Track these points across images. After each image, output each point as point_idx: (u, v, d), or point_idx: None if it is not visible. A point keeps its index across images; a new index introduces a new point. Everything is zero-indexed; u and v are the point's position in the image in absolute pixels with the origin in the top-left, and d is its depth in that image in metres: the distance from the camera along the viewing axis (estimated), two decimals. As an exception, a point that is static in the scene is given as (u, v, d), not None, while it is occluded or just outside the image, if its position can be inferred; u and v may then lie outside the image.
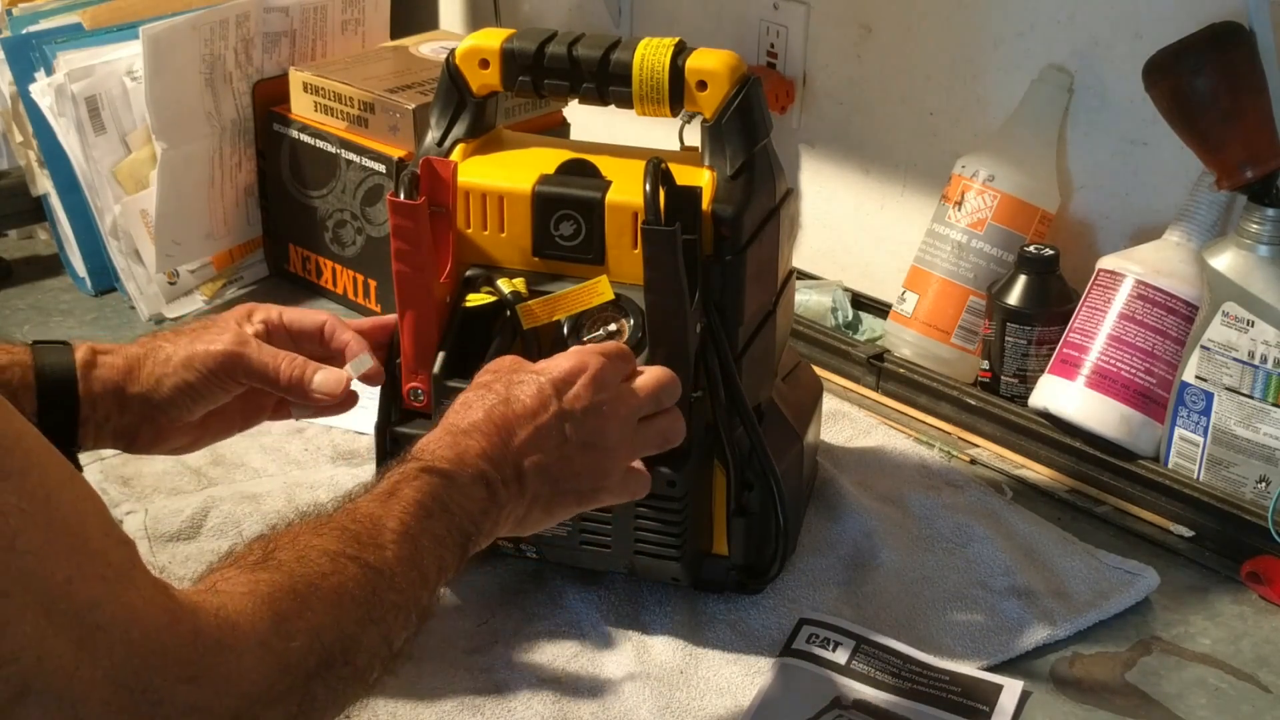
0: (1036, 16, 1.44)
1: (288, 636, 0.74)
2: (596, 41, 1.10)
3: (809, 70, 1.64)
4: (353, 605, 0.78)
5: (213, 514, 1.22)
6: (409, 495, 0.86)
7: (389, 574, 0.81)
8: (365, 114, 1.54)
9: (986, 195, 1.42)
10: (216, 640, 0.71)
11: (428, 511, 0.86)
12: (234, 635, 0.72)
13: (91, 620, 0.66)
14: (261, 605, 0.74)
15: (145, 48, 1.49)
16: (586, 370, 0.97)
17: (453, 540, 0.87)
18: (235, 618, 0.72)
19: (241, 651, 0.72)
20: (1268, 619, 1.17)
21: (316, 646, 0.75)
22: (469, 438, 0.92)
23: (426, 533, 0.85)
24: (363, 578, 0.80)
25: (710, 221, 1.06)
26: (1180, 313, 1.29)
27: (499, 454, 0.92)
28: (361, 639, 0.79)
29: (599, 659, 1.09)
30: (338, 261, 1.61)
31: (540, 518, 0.96)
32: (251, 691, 0.72)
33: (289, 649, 0.74)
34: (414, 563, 0.83)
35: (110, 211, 1.57)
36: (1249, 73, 1.24)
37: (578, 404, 0.96)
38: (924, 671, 1.08)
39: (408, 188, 1.04)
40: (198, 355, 1.05)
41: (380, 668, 0.81)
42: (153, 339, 1.08)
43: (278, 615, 0.74)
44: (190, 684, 0.69)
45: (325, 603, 0.77)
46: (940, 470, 1.34)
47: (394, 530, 0.83)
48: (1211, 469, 1.27)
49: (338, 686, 0.77)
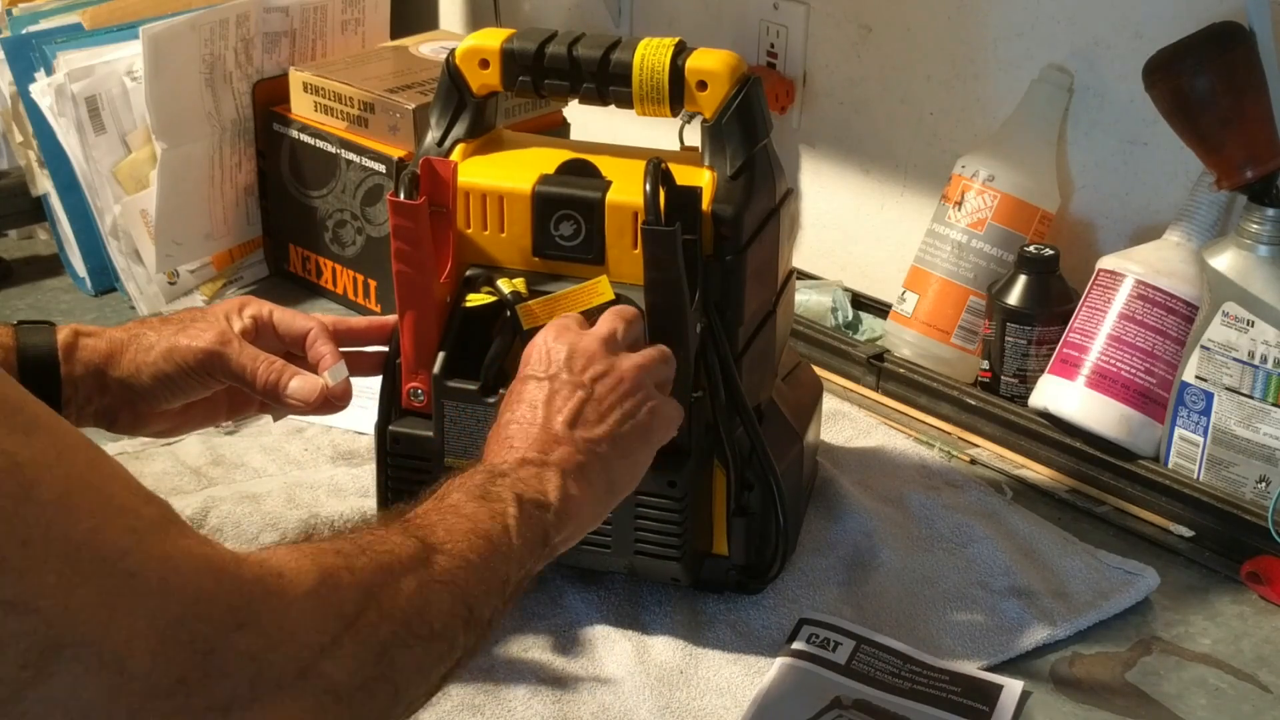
0: (1036, 16, 1.44)
1: (335, 587, 0.72)
2: (596, 41, 1.10)
3: (809, 70, 1.64)
4: (403, 568, 0.76)
5: (213, 514, 1.22)
6: (453, 493, 0.86)
7: (437, 544, 0.80)
8: (365, 114, 1.54)
9: (986, 195, 1.42)
10: (263, 587, 0.68)
11: (475, 495, 0.85)
12: (280, 583, 0.69)
13: (122, 568, 0.63)
14: (306, 560, 0.72)
15: (145, 48, 1.49)
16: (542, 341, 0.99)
17: (518, 510, 0.86)
18: (281, 568, 0.70)
19: (290, 599, 0.69)
20: (1268, 619, 1.17)
21: (374, 603, 0.73)
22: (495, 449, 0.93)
23: (481, 509, 0.84)
24: (409, 545, 0.78)
25: (710, 221, 1.06)
26: (1180, 313, 1.29)
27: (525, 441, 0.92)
28: (429, 599, 0.77)
29: (599, 659, 1.09)
30: (338, 261, 1.61)
31: (623, 463, 0.95)
32: (311, 641, 0.69)
33: (341, 600, 0.71)
34: (471, 532, 0.82)
35: (110, 211, 1.57)
36: (1249, 73, 1.24)
37: (555, 359, 0.97)
38: (924, 671, 1.08)
39: (408, 188, 1.04)
40: (179, 350, 1.05)
41: (464, 632, 0.79)
42: (139, 325, 1.08)
43: (323, 570, 0.72)
44: (241, 631, 0.66)
45: (374, 563, 0.75)
46: (940, 470, 1.34)
47: (439, 518, 0.82)
48: (1211, 469, 1.27)
49: (418, 648, 0.75)
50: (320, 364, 1.09)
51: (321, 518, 1.22)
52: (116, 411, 1.06)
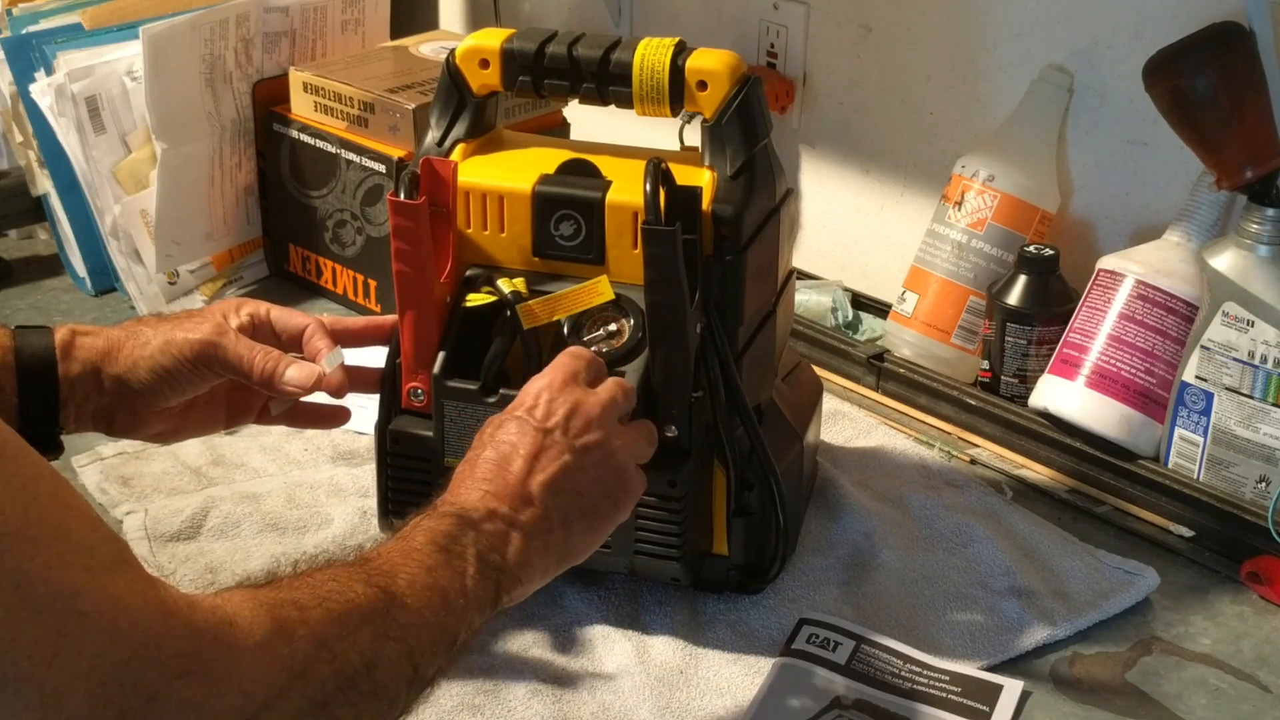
0: (1036, 16, 1.44)
1: (288, 639, 0.72)
2: (596, 41, 1.10)
3: (809, 70, 1.64)
4: (361, 620, 0.77)
5: (213, 514, 1.22)
6: (419, 537, 0.86)
7: (399, 596, 0.80)
8: (365, 114, 1.54)
9: (986, 195, 1.42)
10: (213, 636, 0.69)
11: (440, 546, 0.85)
12: (231, 633, 0.70)
13: (74, 607, 0.63)
14: (261, 609, 0.72)
15: (145, 48, 1.49)
16: (548, 387, 0.98)
17: (476, 570, 0.86)
18: (233, 618, 0.71)
19: (240, 650, 0.70)
20: (1268, 619, 1.17)
21: (325, 655, 0.74)
22: (470, 486, 0.92)
23: (443, 564, 0.84)
24: (370, 595, 0.78)
25: (710, 221, 1.06)
26: (1180, 313, 1.29)
27: (502, 490, 0.92)
28: (379, 653, 0.77)
29: (599, 659, 1.09)
30: (338, 261, 1.61)
31: (585, 537, 0.95)
32: (256, 693, 0.69)
33: (291, 652, 0.72)
34: (430, 587, 0.82)
35: (110, 211, 1.57)
36: (1249, 73, 1.24)
37: (554, 414, 0.96)
38: (924, 671, 1.08)
39: (408, 188, 1.04)
40: (175, 342, 1.05)
41: (406, 689, 0.79)
42: (136, 323, 1.08)
43: (278, 620, 0.72)
44: (186, 679, 0.66)
45: (331, 615, 0.75)
46: (940, 470, 1.34)
47: (403, 562, 0.83)
48: (1211, 469, 1.27)
49: (359, 703, 0.75)
50: (317, 356, 1.09)
51: (320, 515, 1.23)
52: (114, 412, 1.06)
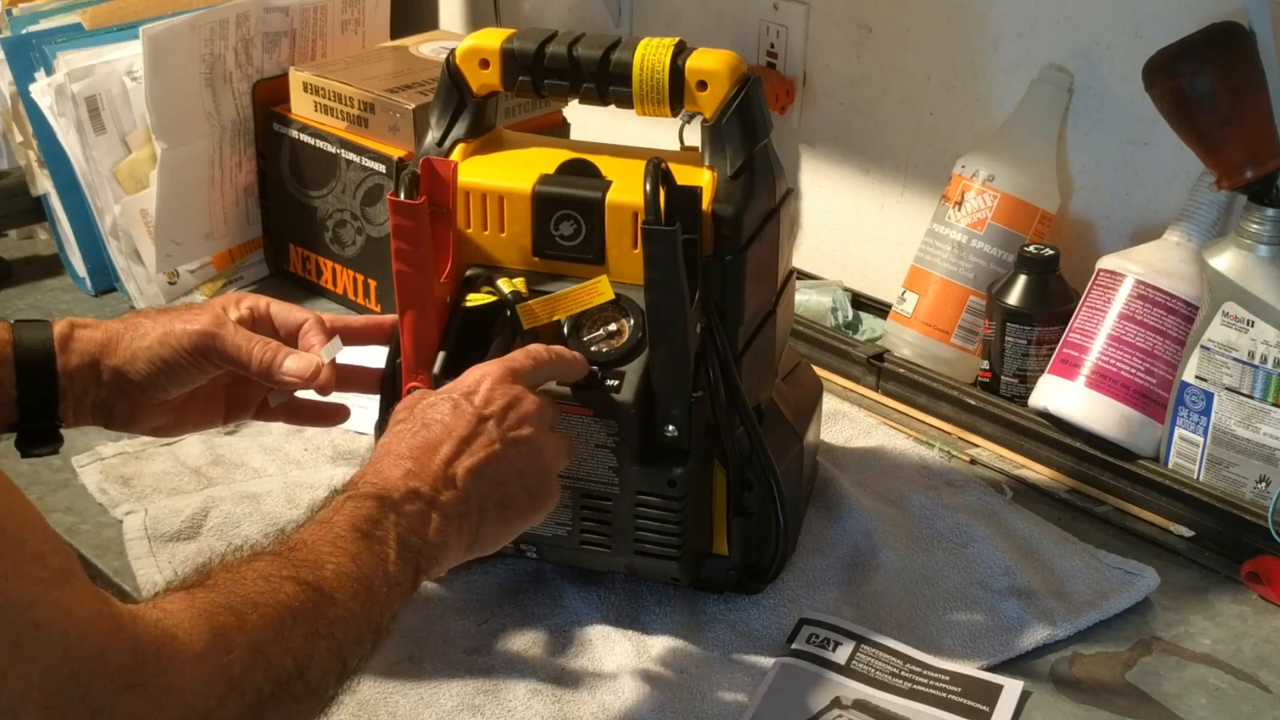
0: (1036, 16, 1.44)
1: (226, 649, 0.73)
2: (596, 41, 1.10)
3: (809, 70, 1.64)
4: (294, 620, 0.78)
5: (213, 514, 1.22)
6: (341, 521, 0.86)
7: (328, 591, 0.80)
8: (365, 114, 1.54)
9: (986, 195, 1.42)
10: (156, 649, 0.70)
11: (362, 532, 0.85)
12: (173, 646, 0.71)
13: (28, 618, 0.64)
14: (199, 620, 0.73)
15: (145, 48, 1.49)
16: (489, 375, 0.98)
17: (396, 556, 0.86)
18: (174, 630, 0.71)
19: (182, 662, 0.71)
20: (1268, 619, 1.17)
21: (261, 662, 0.74)
22: (394, 464, 0.92)
23: (365, 550, 0.84)
24: (300, 594, 0.79)
25: (710, 221, 1.06)
26: (1180, 313, 1.29)
27: (426, 470, 0.92)
28: (313, 654, 0.78)
29: (599, 659, 1.09)
30: (338, 261, 1.61)
31: (497, 528, 0.96)
32: (195, 704, 0.71)
33: (230, 662, 0.73)
34: (355, 578, 0.83)
35: (110, 211, 1.57)
36: (1249, 73, 1.24)
37: (493, 403, 0.96)
38: (924, 671, 1.08)
39: (408, 187, 1.04)
40: (174, 333, 1.05)
41: (335, 684, 0.80)
42: (135, 315, 1.08)
43: (215, 630, 0.73)
44: (131, 691, 0.67)
45: (265, 619, 0.76)
46: (940, 470, 1.34)
47: (329, 551, 0.83)
48: (1211, 469, 1.27)
49: (290, 705, 0.76)
50: (314, 350, 1.09)
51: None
52: (113, 404, 1.06)
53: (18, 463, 1.31)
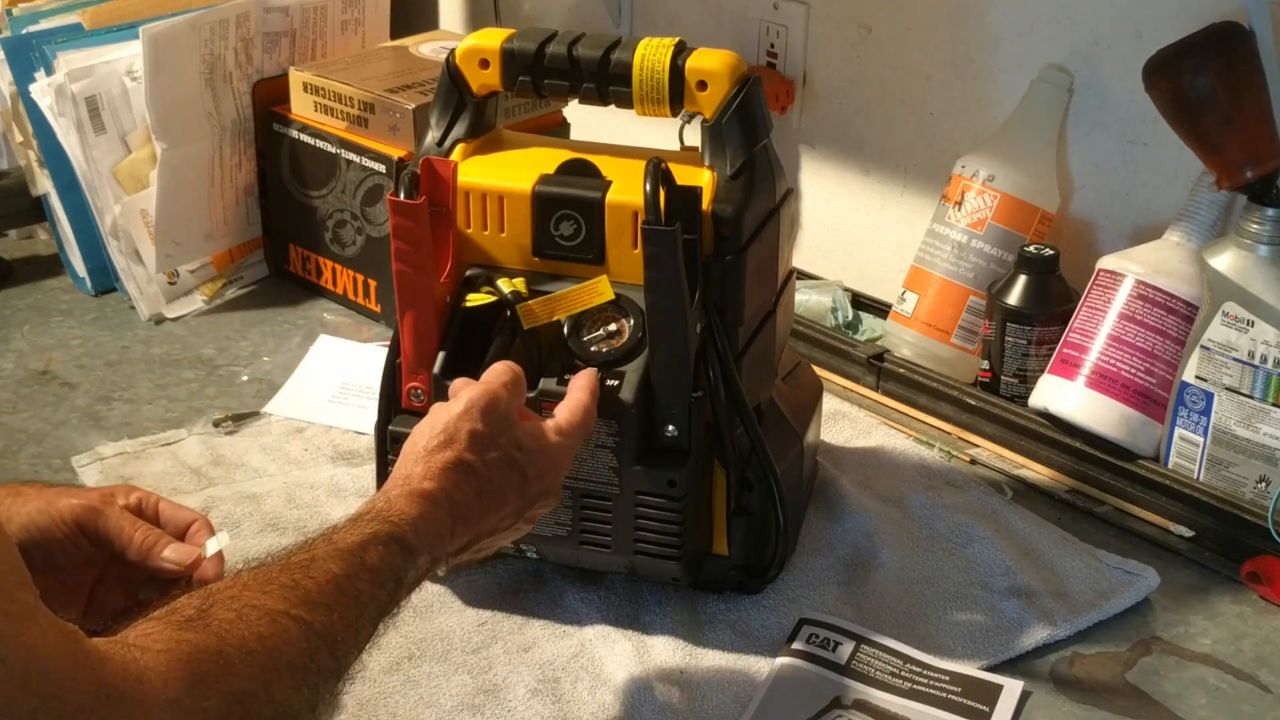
0: (1036, 16, 1.44)
1: (203, 696, 0.71)
2: (596, 41, 1.10)
3: (809, 70, 1.64)
4: (287, 671, 0.76)
5: (213, 514, 1.22)
6: (373, 562, 0.85)
7: (331, 639, 0.80)
8: (365, 114, 1.54)
9: (986, 195, 1.42)
10: (121, 692, 0.68)
11: (382, 582, 0.85)
12: (140, 690, 0.69)
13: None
14: (178, 665, 0.71)
15: (145, 48, 1.49)
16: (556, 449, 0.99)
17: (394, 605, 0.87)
18: (145, 674, 0.70)
19: (149, 708, 0.69)
20: (1268, 619, 1.17)
21: (238, 710, 0.73)
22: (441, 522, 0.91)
23: (374, 601, 0.85)
24: (303, 642, 0.78)
25: (710, 221, 1.06)
26: (1180, 313, 1.29)
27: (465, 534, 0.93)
28: (291, 704, 0.77)
29: (599, 659, 1.09)
30: (338, 261, 1.61)
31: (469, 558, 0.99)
32: None
33: (204, 711, 0.71)
34: (356, 629, 0.83)
35: (110, 211, 1.57)
36: (1249, 73, 1.23)
37: (544, 479, 0.98)
38: (924, 671, 1.08)
39: (408, 187, 1.04)
40: (57, 504, 0.98)
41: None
42: (20, 484, 1.01)
43: (195, 676, 0.72)
44: None
45: (254, 666, 0.75)
46: (940, 470, 1.34)
47: (345, 593, 0.82)
48: (1211, 469, 1.27)
49: None
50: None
51: (320, 515, 1.23)
52: None
53: (17, 463, 1.32)
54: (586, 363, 1.07)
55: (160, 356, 1.52)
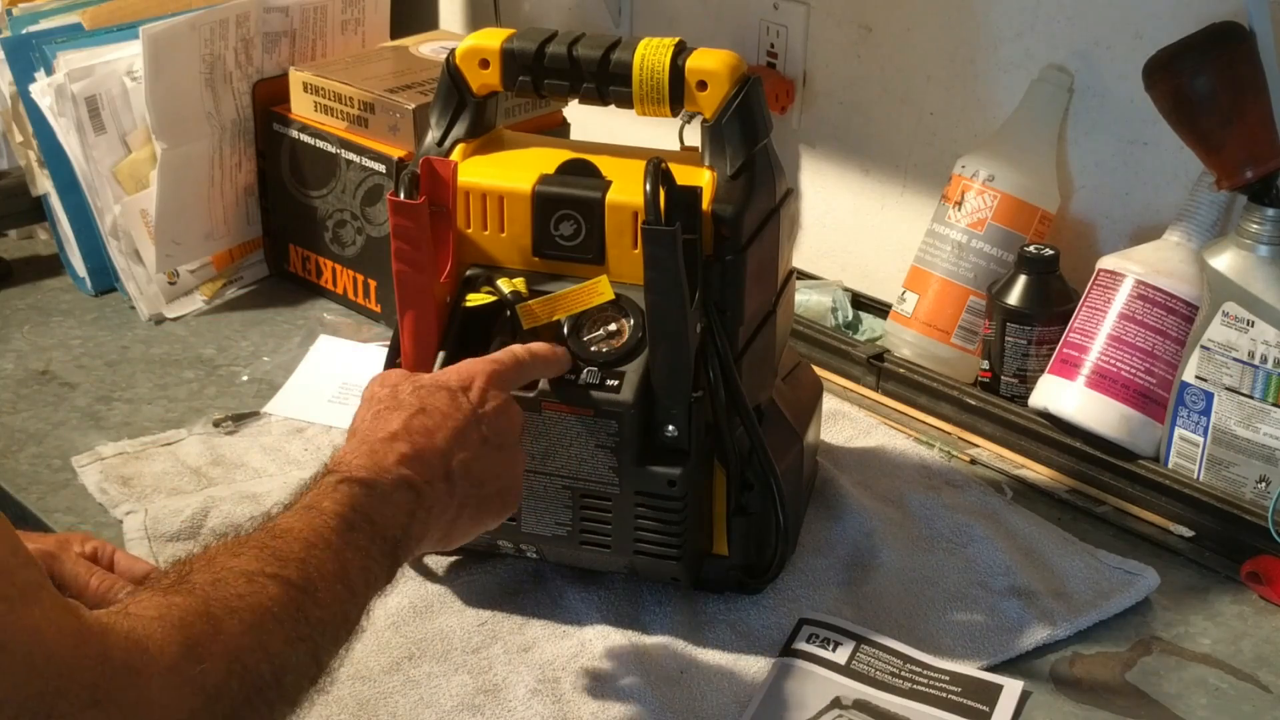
0: (1036, 16, 1.44)
1: (198, 660, 0.72)
2: (596, 41, 1.10)
3: (809, 70, 1.64)
4: (275, 624, 0.77)
5: (213, 514, 1.22)
6: (329, 508, 0.85)
7: (312, 589, 0.80)
8: (365, 114, 1.54)
9: (986, 195, 1.42)
10: (125, 664, 0.69)
11: (349, 524, 0.85)
12: (143, 659, 0.70)
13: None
14: (171, 630, 0.72)
15: (145, 48, 1.49)
16: (481, 374, 0.98)
17: (379, 550, 0.86)
18: (144, 642, 0.70)
19: (150, 676, 0.70)
20: (1268, 619, 1.17)
21: (237, 669, 0.74)
22: (389, 446, 0.91)
23: (350, 545, 0.84)
24: (284, 595, 0.78)
25: (710, 221, 1.06)
26: (1180, 313, 1.29)
27: (421, 458, 0.92)
28: (290, 658, 0.77)
29: (599, 659, 1.09)
30: (338, 261, 1.61)
31: (468, 525, 0.96)
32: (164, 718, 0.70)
33: (202, 672, 0.72)
34: (339, 576, 0.82)
35: (110, 211, 1.57)
36: (1249, 73, 1.24)
37: (487, 404, 0.97)
38: (924, 671, 1.08)
39: (408, 187, 1.04)
40: None
41: (309, 686, 0.79)
42: None
43: (188, 640, 0.72)
44: (95, 709, 0.67)
45: (244, 624, 0.75)
46: (940, 470, 1.34)
47: (315, 544, 0.82)
48: (1211, 469, 1.27)
49: (264, 711, 0.75)
50: None
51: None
52: None
53: (17, 463, 1.32)
54: (587, 363, 1.07)
55: (160, 356, 1.52)
